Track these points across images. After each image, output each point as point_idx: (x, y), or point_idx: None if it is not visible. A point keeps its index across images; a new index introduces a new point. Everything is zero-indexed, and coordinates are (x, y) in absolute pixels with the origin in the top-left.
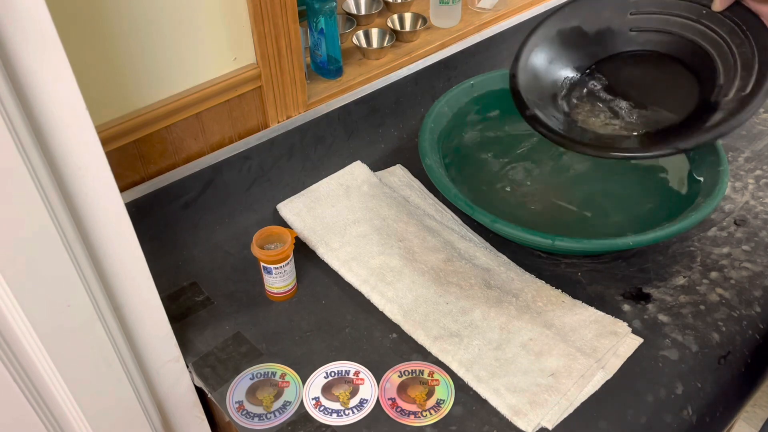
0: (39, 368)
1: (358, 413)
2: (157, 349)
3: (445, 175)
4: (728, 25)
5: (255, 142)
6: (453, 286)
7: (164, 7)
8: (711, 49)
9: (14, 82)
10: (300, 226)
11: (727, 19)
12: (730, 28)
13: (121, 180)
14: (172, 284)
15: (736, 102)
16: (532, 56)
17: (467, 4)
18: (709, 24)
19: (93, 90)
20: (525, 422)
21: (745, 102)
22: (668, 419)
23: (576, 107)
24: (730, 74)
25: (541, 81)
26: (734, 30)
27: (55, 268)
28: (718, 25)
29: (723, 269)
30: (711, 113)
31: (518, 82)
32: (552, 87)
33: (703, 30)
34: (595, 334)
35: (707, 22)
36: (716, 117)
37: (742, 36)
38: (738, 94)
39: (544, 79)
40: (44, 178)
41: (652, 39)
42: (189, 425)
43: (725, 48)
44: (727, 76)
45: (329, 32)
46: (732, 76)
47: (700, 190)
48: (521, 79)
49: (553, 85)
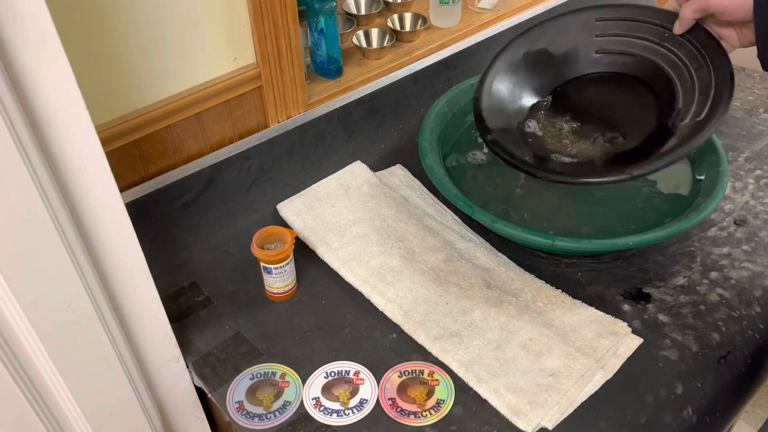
0: (39, 368)
1: (358, 413)
2: (157, 349)
3: (445, 175)
4: (688, 48)
5: (255, 142)
6: (453, 286)
7: (164, 7)
8: (672, 72)
9: (14, 82)
10: (300, 226)
11: (688, 42)
12: (689, 52)
13: (121, 180)
14: (172, 284)
15: (690, 128)
16: (497, 79)
17: (467, 4)
18: (671, 47)
19: (93, 90)
20: (525, 422)
21: (699, 128)
22: (668, 419)
23: (542, 129)
24: (688, 98)
25: (507, 103)
26: (693, 53)
27: (55, 268)
28: (679, 48)
29: (723, 269)
30: (667, 138)
31: (482, 106)
32: (518, 109)
33: (665, 53)
34: (595, 334)
35: (669, 45)
36: (671, 143)
37: (701, 60)
38: (693, 120)
39: (509, 101)
40: (44, 178)
41: (616, 61)
42: (189, 425)
43: (685, 72)
44: (686, 100)
45: (329, 32)
46: (690, 101)
47: (700, 190)
48: (485, 103)
49: (518, 108)
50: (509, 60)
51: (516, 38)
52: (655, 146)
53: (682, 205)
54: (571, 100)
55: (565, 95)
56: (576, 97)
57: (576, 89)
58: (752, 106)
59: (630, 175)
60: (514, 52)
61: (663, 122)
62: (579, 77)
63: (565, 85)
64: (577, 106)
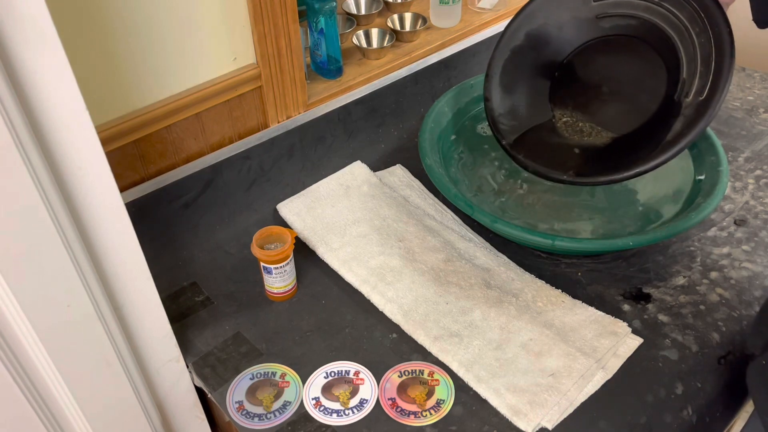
0: (39, 368)
1: (358, 413)
2: (157, 349)
3: (446, 175)
4: (688, 10)
5: (255, 142)
6: (453, 286)
7: (164, 7)
8: (674, 35)
9: (14, 82)
10: (300, 226)
11: (687, 3)
12: (690, 14)
13: (121, 180)
14: (172, 284)
15: (694, 108)
16: (504, 68)
17: (467, 4)
18: (670, 8)
19: (93, 90)
20: (525, 422)
21: (702, 110)
22: (668, 419)
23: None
24: (691, 68)
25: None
26: (694, 16)
27: (55, 268)
28: (679, 9)
29: (723, 269)
30: (673, 119)
31: (493, 106)
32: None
33: (666, 14)
34: (595, 334)
35: (668, 5)
36: (677, 126)
37: (701, 24)
38: (696, 99)
39: (520, 89)
40: (44, 178)
41: (619, 24)
42: (189, 425)
43: (686, 35)
44: (689, 70)
45: (329, 32)
46: (693, 71)
47: (700, 190)
48: (495, 100)
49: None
50: (511, 45)
51: (511, 22)
52: (662, 127)
53: (682, 205)
54: (579, 71)
55: (574, 67)
56: (584, 68)
57: (583, 60)
58: (752, 106)
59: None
60: (514, 35)
61: (670, 93)
62: (584, 47)
63: (572, 59)
64: (586, 77)
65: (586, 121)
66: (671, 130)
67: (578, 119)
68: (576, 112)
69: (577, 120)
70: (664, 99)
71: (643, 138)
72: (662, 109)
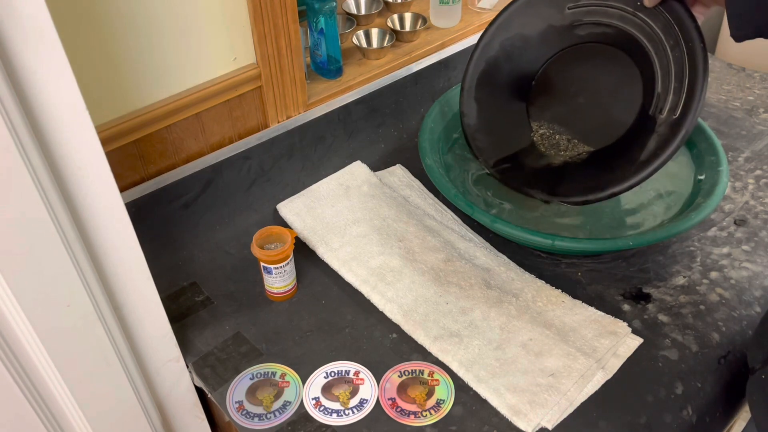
0: (39, 368)
1: (358, 413)
2: (157, 349)
3: (445, 175)
4: (662, 21)
5: (255, 142)
6: (453, 286)
7: (164, 7)
8: (649, 46)
9: (14, 82)
10: (300, 226)
11: (660, 13)
12: (663, 25)
13: (121, 180)
14: (172, 284)
15: (668, 127)
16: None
17: (467, 4)
18: (645, 18)
19: (93, 90)
20: (525, 422)
21: (675, 129)
22: (668, 419)
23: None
24: (666, 82)
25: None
26: (668, 28)
27: (55, 268)
28: (653, 20)
29: (723, 269)
30: (648, 134)
31: (469, 122)
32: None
33: (641, 24)
34: (595, 334)
35: (643, 15)
36: (651, 145)
37: (675, 36)
38: (669, 117)
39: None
40: (44, 178)
41: (594, 32)
42: (189, 425)
43: (660, 47)
44: (664, 84)
45: (329, 32)
46: (667, 86)
47: (700, 190)
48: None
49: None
50: (487, 54)
51: (484, 32)
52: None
53: (682, 205)
54: (556, 80)
55: (550, 75)
56: (560, 76)
57: (560, 71)
58: (752, 106)
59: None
60: (490, 44)
61: (646, 108)
62: (560, 55)
63: (548, 69)
64: (563, 91)
65: (563, 134)
66: (645, 149)
67: (555, 131)
68: (553, 124)
69: (554, 132)
70: (640, 112)
71: (620, 154)
72: (638, 123)
